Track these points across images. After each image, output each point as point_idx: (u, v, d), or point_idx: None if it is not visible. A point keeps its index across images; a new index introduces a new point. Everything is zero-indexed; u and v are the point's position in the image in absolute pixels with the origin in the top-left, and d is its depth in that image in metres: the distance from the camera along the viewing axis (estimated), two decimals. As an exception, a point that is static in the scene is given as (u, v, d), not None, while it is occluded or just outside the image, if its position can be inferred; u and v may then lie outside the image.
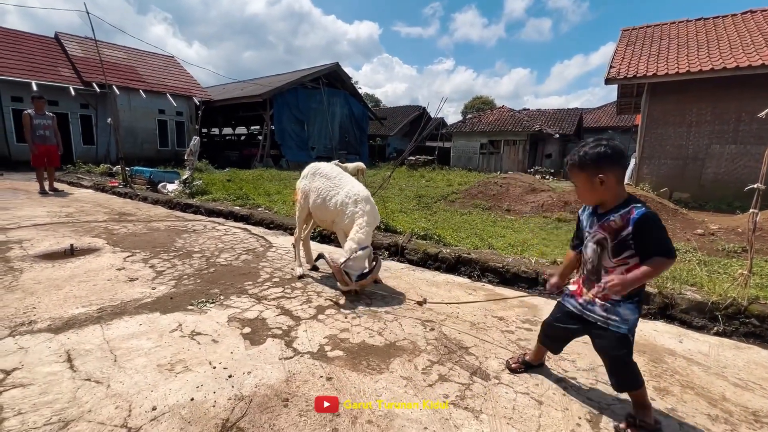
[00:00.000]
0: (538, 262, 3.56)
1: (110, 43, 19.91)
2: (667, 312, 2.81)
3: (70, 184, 9.92)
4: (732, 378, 1.99)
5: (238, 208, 6.23)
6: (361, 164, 13.40)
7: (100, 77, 16.31)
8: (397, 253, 4.21)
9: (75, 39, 18.52)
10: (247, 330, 2.29)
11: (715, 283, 2.85)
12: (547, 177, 18.30)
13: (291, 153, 19.87)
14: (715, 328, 2.60)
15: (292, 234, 4.97)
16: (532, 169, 19.99)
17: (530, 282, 3.38)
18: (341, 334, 2.30)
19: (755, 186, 2.85)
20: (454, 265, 3.79)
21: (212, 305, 2.63)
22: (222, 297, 2.78)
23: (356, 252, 2.79)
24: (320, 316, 2.53)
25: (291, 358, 2.00)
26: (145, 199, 7.51)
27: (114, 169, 12.22)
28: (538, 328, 2.50)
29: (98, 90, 15.97)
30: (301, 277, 3.29)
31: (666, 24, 12.51)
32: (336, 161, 13.47)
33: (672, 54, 10.54)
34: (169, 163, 16.69)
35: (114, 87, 16.44)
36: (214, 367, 1.88)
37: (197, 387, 1.72)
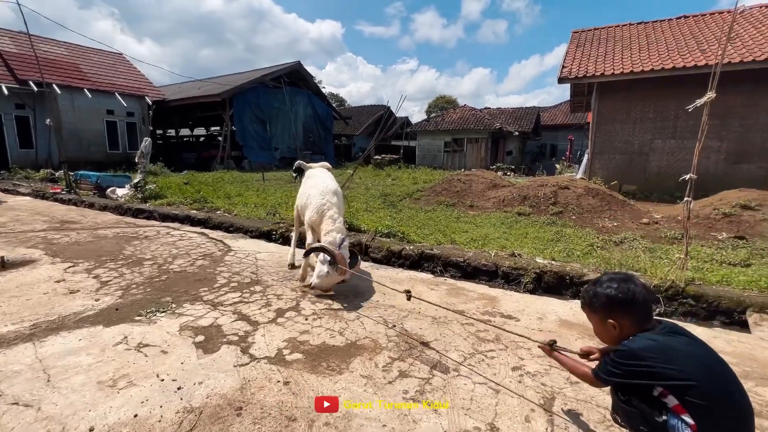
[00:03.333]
0: (497, 255, 3.65)
1: (49, 39, 18.41)
2: (615, 297, 2.97)
3: (5, 191, 9.09)
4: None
5: (195, 211, 5.95)
6: (325, 164, 13.20)
7: (37, 75, 15.07)
8: (362, 251, 4.18)
9: (7, 33, 16.96)
10: (200, 338, 2.18)
11: (656, 268, 3.05)
12: (508, 173, 18.94)
13: (253, 154, 19.30)
14: (658, 310, 2.79)
15: (252, 237, 4.82)
16: (494, 166, 20.62)
17: (490, 274, 3.46)
18: (301, 336, 2.24)
19: (687, 177, 3.08)
20: (417, 262, 3.82)
21: (163, 314, 2.48)
22: (174, 305, 2.63)
23: (343, 242, 2.79)
24: (279, 320, 2.46)
25: (247, 364, 1.92)
26: (91, 206, 7.00)
27: (57, 174, 11.33)
28: (497, 319, 2.58)
29: (35, 89, 14.72)
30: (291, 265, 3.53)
31: (612, 27, 13.30)
32: (300, 161, 13.29)
33: (618, 55, 11.22)
34: (120, 166, 15.68)
35: (54, 86, 15.23)
36: (162, 380, 1.76)
37: (142, 402, 1.60)
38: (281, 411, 1.57)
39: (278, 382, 1.77)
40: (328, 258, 2.66)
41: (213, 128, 27.29)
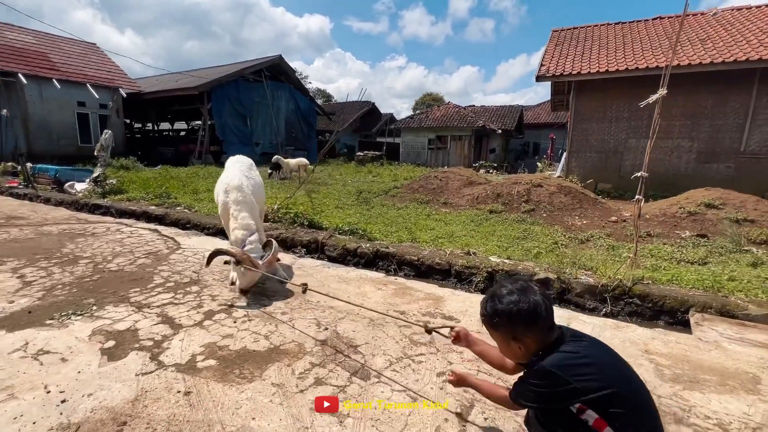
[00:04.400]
0: (452, 254, 3.57)
1: (16, 26, 17.63)
2: (564, 296, 2.91)
3: (-42, 185, 8.63)
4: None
5: (153, 207, 5.71)
6: (303, 160, 13.06)
7: (1, 63, 14.45)
8: (317, 249, 4.05)
9: (-31, 19, 16.15)
10: (110, 344, 2.02)
11: (607, 267, 3.01)
12: (491, 171, 19.01)
13: (233, 149, 18.78)
14: (604, 310, 2.74)
15: (207, 234, 4.64)
16: (477, 164, 20.67)
17: (443, 273, 3.38)
18: (223, 341, 2.10)
19: (639, 174, 3.04)
20: (372, 260, 3.71)
21: (78, 318, 2.31)
22: (95, 307, 2.46)
23: (248, 238, 2.66)
24: (206, 322, 2.31)
25: (151, 373, 1.77)
26: (47, 201, 6.69)
27: (19, 167, 10.82)
28: (437, 320, 2.48)
29: (-1, 78, 14.09)
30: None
31: (591, 26, 13.39)
32: (277, 156, 13.02)
33: (594, 54, 11.29)
34: (91, 160, 15.15)
35: (20, 75, 14.59)
36: (48, 392, 1.61)
37: (14, 419, 1.45)
38: (169, 426, 1.43)
39: (178, 392, 1.64)
40: (232, 259, 2.60)
41: (195, 123, 26.66)
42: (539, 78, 11.27)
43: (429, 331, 1.70)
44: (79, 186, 7.12)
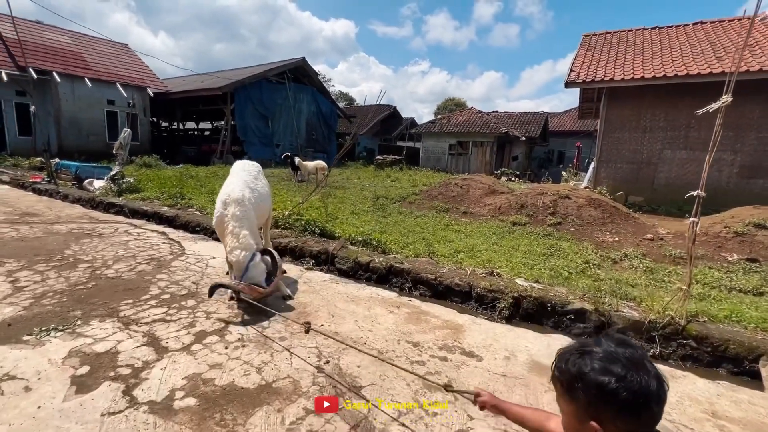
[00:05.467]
0: (474, 273, 3.23)
1: (54, 27, 18.33)
2: (602, 331, 2.53)
3: (-13, 179, 8.87)
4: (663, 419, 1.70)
5: (165, 208, 5.60)
6: (321, 162, 12.89)
7: (38, 61, 14.98)
8: (327, 261, 3.78)
9: (10, 19, 16.87)
10: (83, 370, 1.79)
11: (653, 299, 2.61)
12: (513, 179, 18.42)
13: (254, 150, 18.99)
14: (652, 351, 2.35)
15: (216, 239, 4.45)
16: (499, 171, 20.09)
17: (463, 296, 3.04)
18: (209, 372, 1.85)
19: (695, 193, 2.64)
20: (385, 276, 3.41)
21: (59, 334, 2.10)
22: (80, 322, 2.25)
23: (249, 263, 2.39)
24: (195, 347, 2.06)
25: (119, 413, 1.53)
26: (65, 197, 6.70)
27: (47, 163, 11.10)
28: (456, 357, 2.15)
29: (35, 76, 14.59)
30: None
31: (624, 31, 12.75)
32: (295, 156, 12.91)
33: (629, 60, 10.68)
34: (116, 157, 15.49)
35: (54, 73, 15.09)
36: (-2, 433, 1.38)
37: (-52, 469, 1.22)
38: (123, 494, 1.17)
39: (144, 443, 1.38)
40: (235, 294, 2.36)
41: (218, 123, 27.13)
42: (569, 84, 10.75)
43: (449, 391, 1.39)
44: (98, 183, 7.13)
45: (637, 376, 0.76)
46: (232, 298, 2.71)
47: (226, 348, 2.07)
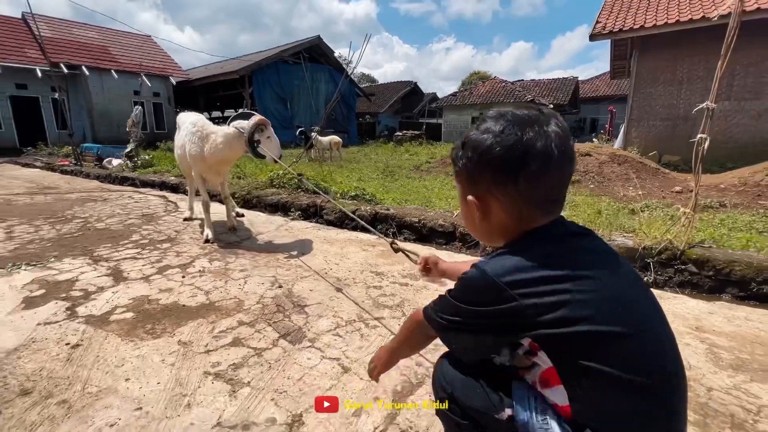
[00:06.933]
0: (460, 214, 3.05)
1: (81, 23, 19.14)
2: (593, 263, 2.31)
3: (25, 165, 9.51)
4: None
5: (173, 178, 5.73)
6: (335, 137, 12.81)
7: (68, 57, 15.73)
8: (316, 214, 3.72)
9: (43, 19, 17.76)
10: (39, 293, 1.83)
11: (651, 227, 2.33)
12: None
13: (274, 133, 19.22)
14: (645, 278, 2.10)
15: (214, 201, 4.50)
16: (523, 142, 19.21)
17: (447, 236, 2.88)
18: (158, 294, 1.83)
19: (702, 106, 2.30)
20: (370, 222, 3.30)
21: (29, 268, 2.17)
22: (54, 260, 2.31)
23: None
24: (154, 277, 2.06)
25: (54, 323, 1.53)
26: (87, 176, 7.05)
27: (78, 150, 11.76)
28: (418, 283, 2.03)
29: (66, 71, 15.34)
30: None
31: (659, -26, 11.54)
32: (311, 131, 12.90)
33: (662, 4, 9.69)
34: (143, 145, 16.16)
35: (83, 67, 15.81)
36: (-64, 335, 1.42)
37: None
38: (24, 381, 1.16)
39: (66, 344, 1.37)
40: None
41: (241, 110, 27.61)
42: (593, 36, 9.93)
43: (396, 250, 1.40)
44: (116, 161, 7.43)
45: (518, 131, 0.60)
46: (206, 241, 2.71)
47: (183, 277, 2.06)
